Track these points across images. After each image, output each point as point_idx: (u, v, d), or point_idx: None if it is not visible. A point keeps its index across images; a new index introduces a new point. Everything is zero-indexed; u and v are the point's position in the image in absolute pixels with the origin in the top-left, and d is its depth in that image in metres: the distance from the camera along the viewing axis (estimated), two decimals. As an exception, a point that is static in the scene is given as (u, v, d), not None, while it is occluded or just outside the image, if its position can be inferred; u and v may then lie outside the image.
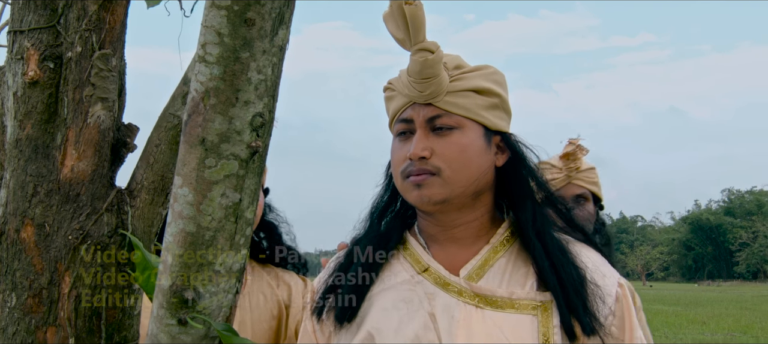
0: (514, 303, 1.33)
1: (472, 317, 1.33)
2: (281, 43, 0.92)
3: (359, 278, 1.44)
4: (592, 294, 1.33)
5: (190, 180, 0.93)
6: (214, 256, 0.97)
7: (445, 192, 1.35)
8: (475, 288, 1.35)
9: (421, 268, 1.41)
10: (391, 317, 1.37)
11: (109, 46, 1.25)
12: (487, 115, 1.37)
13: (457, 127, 1.35)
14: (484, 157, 1.38)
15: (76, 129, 1.23)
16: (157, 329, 1.01)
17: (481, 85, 1.36)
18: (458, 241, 1.43)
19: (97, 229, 1.21)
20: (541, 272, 1.35)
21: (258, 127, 0.93)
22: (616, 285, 1.39)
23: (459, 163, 1.34)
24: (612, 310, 1.35)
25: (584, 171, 2.39)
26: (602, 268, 1.40)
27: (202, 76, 0.90)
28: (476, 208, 1.42)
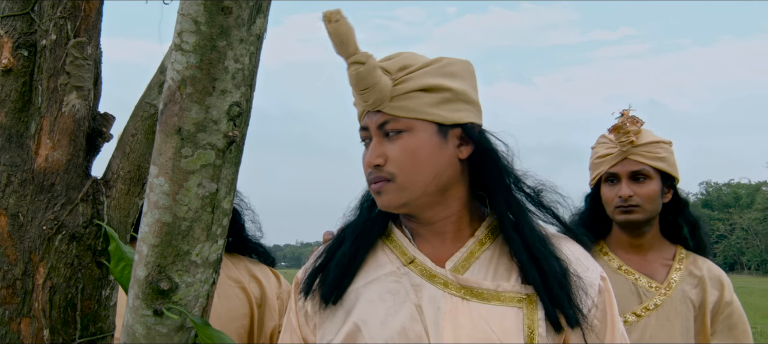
0: (499, 296, 1.34)
1: (458, 309, 1.33)
2: (259, 31, 0.91)
3: (347, 258, 1.44)
4: (575, 286, 1.34)
5: (166, 169, 0.92)
6: (191, 247, 0.96)
7: (402, 197, 1.36)
8: (460, 280, 1.35)
9: (406, 260, 1.41)
10: (378, 309, 1.37)
11: (84, 34, 1.24)
12: (438, 112, 1.35)
13: (405, 130, 1.35)
14: (440, 153, 1.35)
15: (50, 118, 1.22)
16: (133, 320, 1.00)
17: (427, 82, 1.34)
18: (441, 235, 1.42)
19: (72, 219, 1.20)
20: (521, 265, 1.35)
21: (235, 116, 0.92)
22: (599, 277, 1.39)
23: (410, 165, 1.34)
24: (594, 302, 1.36)
25: (643, 145, 2.17)
26: (584, 261, 1.41)
27: (179, 65, 0.89)
28: (449, 204, 1.41)
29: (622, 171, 2.20)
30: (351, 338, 1.37)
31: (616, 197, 2.19)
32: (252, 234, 2.04)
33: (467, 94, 1.38)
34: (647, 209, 2.17)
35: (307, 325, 1.48)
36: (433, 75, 1.35)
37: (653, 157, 2.19)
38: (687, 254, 2.24)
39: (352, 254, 1.45)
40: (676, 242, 2.27)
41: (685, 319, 2.12)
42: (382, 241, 1.47)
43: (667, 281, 2.17)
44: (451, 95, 1.36)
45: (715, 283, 2.17)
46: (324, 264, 1.48)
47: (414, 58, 1.39)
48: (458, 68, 1.39)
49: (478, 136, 1.38)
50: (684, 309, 2.13)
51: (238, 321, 1.86)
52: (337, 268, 1.44)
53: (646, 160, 2.18)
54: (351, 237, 1.47)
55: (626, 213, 2.17)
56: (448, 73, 1.36)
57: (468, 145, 1.39)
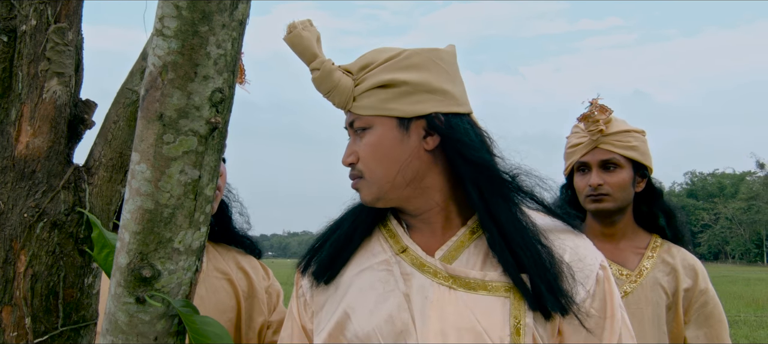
0: (486, 285, 1.34)
1: (445, 298, 1.34)
2: (241, 17, 0.91)
3: (342, 240, 1.48)
4: (564, 273, 1.33)
5: (147, 156, 0.91)
6: (173, 234, 0.95)
7: (373, 192, 1.40)
8: (449, 270, 1.36)
9: (399, 249, 1.43)
10: (367, 297, 1.39)
11: (65, 20, 1.22)
12: (396, 106, 1.36)
13: (368, 127, 1.39)
14: (401, 147, 1.37)
15: (31, 104, 1.20)
16: (115, 307, 1.00)
17: (383, 78, 1.36)
18: (431, 225, 1.43)
19: (53, 207, 1.18)
20: (498, 255, 1.35)
21: (217, 102, 0.91)
22: (598, 267, 1.38)
23: (373, 161, 1.38)
24: (591, 292, 1.35)
25: (613, 134, 2.19)
26: (582, 250, 1.40)
27: (160, 50, 0.88)
28: (430, 195, 1.41)
29: (592, 160, 2.22)
30: (340, 326, 1.40)
31: (586, 186, 2.20)
32: (240, 226, 2.03)
33: (429, 84, 1.37)
34: (617, 198, 2.19)
35: (305, 313, 1.51)
36: (390, 70, 1.37)
37: (623, 145, 2.20)
38: (662, 243, 2.25)
39: (347, 236, 1.48)
40: (653, 231, 2.29)
41: (656, 306, 2.13)
42: (379, 229, 1.49)
43: (638, 269, 2.18)
44: (408, 88, 1.36)
45: (689, 271, 2.18)
46: (321, 245, 1.52)
47: (377, 55, 1.40)
48: (420, 59, 1.39)
49: (443, 126, 1.37)
50: (655, 297, 2.14)
51: (225, 315, 1.84)
52: (331, 248, 1.48)
53: (616, 149, 2.19)
54: (349, 220, 1.51)
55: (596, 201, 2.20)
56: (406, 66, 1.37)
57: (433, 135, 1.38)
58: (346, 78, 1.39)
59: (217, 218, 1.95)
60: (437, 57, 1.40)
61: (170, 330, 1.02)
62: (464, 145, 1.37)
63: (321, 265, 1.48)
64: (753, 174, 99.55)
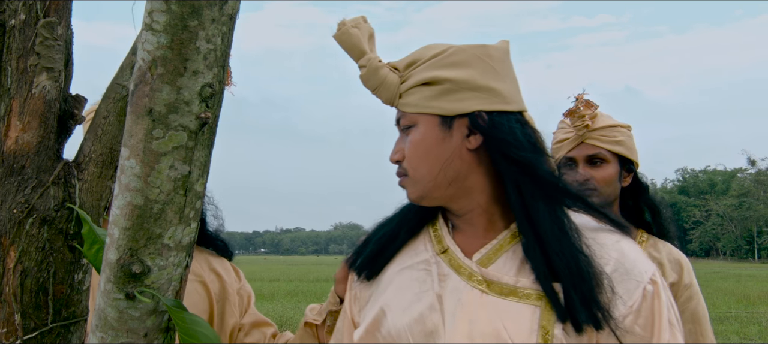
0: (517, 292, 1.31)
1: (477, 302, 1.32)
2: (231, 11, 0.90)
3: (387, 237, 1.49)
4: (604, 286, 1.26)
5: (137, 151, 0.91)
6: (163, 229, 0.95)
7: (417, 190, 1.39)
8: (484, 273, 1.34)
9: (440, 249, 1.42)
10: (403, 295, 1.39)
11: (54, 14, 1.21)
12: (438, 104, 1.35)
13: (412, 125, 1.38)
14: (443, 146, 1.36)
15: (20, 99, 1.20)
16: (105, 304, 0.99)
17: (427, 76, 1.35)
18: (474, 226, 1.41)
19: (43, 203, 1.18)
20: (531, 261, 1.30)
21: (207, 97, 0.91)
22: (647, 281, 1.30)
23: (415, 160, 1.37)
24: (633, 308, 1.27)
25: (599, 129, 2.19)
26: (630, 261, 1.31)
27: (149, 45, 0.87)
28: (473, 196, 1.39)
29: (578, 155, 2.22)
30: (377, 322, 1.41)
31: (573, 181, 2.20)
32: (213, 228, 2.03)
33: (473, 81, 1.35)
34: (604, 192, 2.19)
35: (355, 306, 1.53)
36: (434, 67, 1.36)
37: (610, 140, 2.20)
38: (648, 238, 2.25)
39: (393, 234, 1.49)
40: (639, 226, 2.29)
41: None
42: (427, 228, 1.48)
43: None
44: (451, 85, 1.35)
45: (675, 266, 2.18)
46: (368, 241, 1.53)
47: (424, 52, 1.39)
48: (465, 56, 1.36)
49: (485, 125, 1.34)
50: None
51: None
52: (375, 244, 1.49)
53: (602, 144, 2.20)
54: (397, 218, 1.51)
55: None
56: (449, 64, 1.36)
57: (476, 134, 1.36)
58: (393, 75, 1.38)
59: None
60: (484, 54, 1.38)
61: (160, 327, 1.01)
62: (507, 145, 1.34)
63: (364, 262, 1.49)
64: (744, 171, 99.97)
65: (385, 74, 1.38)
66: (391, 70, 1.39)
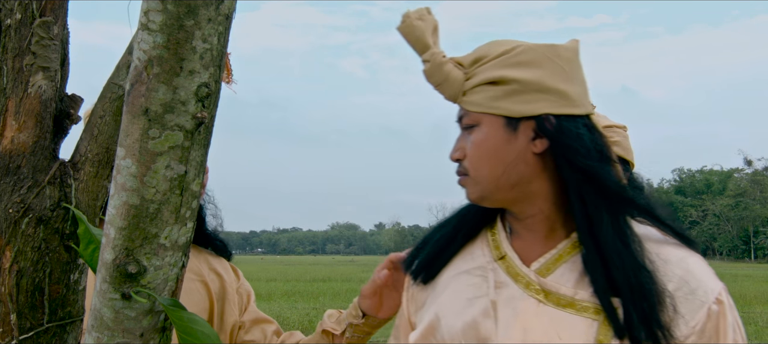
0: (575, 304, 1.26)
1: (532, 311, 1.29)
2: (227, 11, 0.90)
3: (444, 241, 1.45)
4: (666, 304, 1.21)
5: (133, 151, 0.91)
6: (159, 229, 0.95)
7: (477, 191, 1.34)
8: (542, 283, 1.30)
9: (498, 255, 1.38)
10: (457, 301, 1.36)
11: (50, 14, 1.21)
12: (504, 105, 1.29)
13: (476, 125, 1.33)
14: (507, 148, 1.30)
15: (16, 99, 1.19)
16: (101, 303, 0.99)
17: (495, 75, 1.30)
18: (534, 233, 1.37)
19: (39, 202, 1.18)
20: (590, 274, 1.25)
21: (204, 97, 0.91)
22: (713, 300, 1.23)
23: (477, 160, 1.32)
24: (696, 328, 1.21)
25: None
26: (695, 279, 1.25)
27: (145, 45, 0.87)
28: (533, 201, 1.34)
29: None
30: (431, 327, 1.39)
31: None
32: (212, 228, 2.03)
33: (541, 83, 1.29)
34: None
35: (412, 307, 1.50)
36: (501, 66, 1.30)
37: None
38: None
39: (449, 238, 1.45)
40: None
41: None
42: (486, 232, 1.45)
43: None
44: (518, 86, 1.29)
45: None
46: (424, 244, 1.50)
47: (491, 49, 1.34)
48: (534, 55, 1.31)
49: (552, 129, 1.29)
50: None
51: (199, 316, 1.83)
52: (431, 249, 1.46)
53: None
54: (454, 221, 1.48)
55: None
56: (517, 63, 1.30)
57: (542, 138, 1.30)
58: (457, 71, 1.33)
59: None
60: (554, 54, 1.32)
61: (156, 327, 1.01)
62: (572, 151, 1.28)
63: (420, 265, 1.46)
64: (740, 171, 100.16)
65: (449, 70, 1.33)
66: (456, 66, 1.34)
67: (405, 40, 1.34)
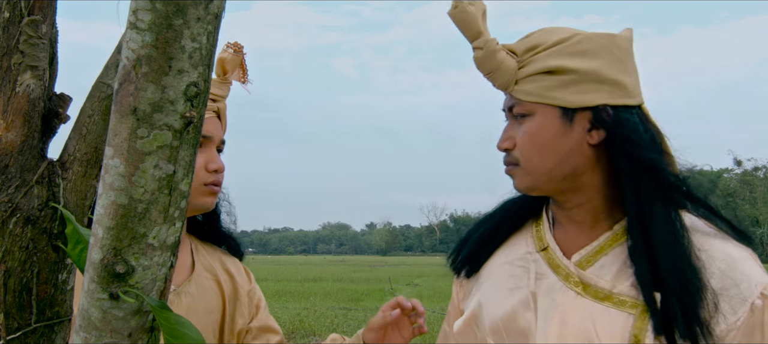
0: (612, 297, 1.26)
1: (571, 303, 1.29)
2: (217, 10, 0.90)
3: (487, 234, 1.46)
4: (707, 300, 1.19)
5: (121, 151, 0.90)
6: (148, 229, 0.94)
7: (527, 181, 1.34)
8: (581, 275, 1.30)
9: (540, 246, 1.38)
10: (499, 290, 1.38)
11: (38, 12, 1.21)
12: (560, 95, 1.28)
13: (528, 114, 1.32)
14: (563, 139, 1.29)
15: (3, 98, 1.19)
16: (88, 304, 0.98)
17: (551, 64, 1.28)
18: (578, 224, 1.36)
19: (26, 202, 1.17)
20: (635, 268, 1.25)
21: (192, 96, 0.90)
22: (756, 295, 1.21)
23: (530, 151, 1.31)
24: (737, 324, 1.19)
25: None
26: (739, 272, 1.22)
27: (134, 44, 0.87)
28: (583, 191, 1.33)
29: None
30: (474, 316, 1.41)
31: None
32: (226, 226, 2.02)
33: (599, 73, 1.27)
34: None
35: (461, 292, 1.53)
36: (558, 55, 1.28)
37: None
38: None
39: (492, 231, 1.46)
40: None
41: None
42: (532, 223, 1.45)
43: None
44: (576, 76, 1.27)
45: None
46: (468, 237, 1.51)
47: (546, 37, 1.31)
48: (592, 45, 1.29)
49: (610, 120, 1.28)
50: None
51: (212, 315, 1.82)
52: (475, 242, 1.48)
53: None
54: (498, 214, 1.49)
55: None
56: (576, 53, 1.28)
57: (599, 129, 1.29)
58: (510, 59, 1.31)
59: (206, 216, 1.94)
60: (612, 43, 1.30)
61: (145, 327, 1.01)
62: (631, 143, 1.27)
63: (462, 261, 1.48)
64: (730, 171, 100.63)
65: (503, 58, 1.30)
66: (508, 54, 1.32)
67: (456, 25, 1.30)
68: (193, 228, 1.93)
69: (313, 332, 12.84)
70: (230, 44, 1.73)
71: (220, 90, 1.72)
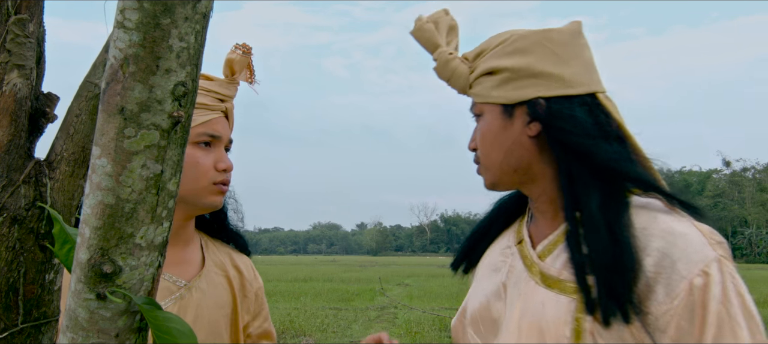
0: (560, 283, 1.30)
1: (531, 292, 1.35)
2: (204, 10, 0.89)
3: (479, 231, 1.55)
4: (640, 280, 1.19)
5: (108, 150, 0.90)
6: (135, 229, 0.94)
7: (488, 178, 1.43)
8: (539, 265, 1.36)
9: (517, 240, 1.46)
10: (481, 283, 1.47)
11: (25, 11, 1.20)
12: (498, 93, 1.37)
13: (480, 114, 1.42)
14: (505, 134, 1.37)
15: (-10, 97, 1.18)
16: (76, 304, 0.98)
17: (490, 65, 1.37)
18: (543, 215, 1.42)
19: (13, 202, 1.16)
20: (568, 250, 1.29)
21: (180, 96, 0.90)
22: (696, 273, 1.17)
23: (483, 148, 1.41)
24: (675, 303, 1.17)
25: None
26: (676, 251, 1.20)
27: (121, 43, 0.86)
28: (537, 183, 1.40)
29: None
30: (463, 310, 1.53)
31: None
32: (234, 223, 2.04)
33: (532, 68, 1.34)
34: None
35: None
36: (497, 56, 1.38)
37: None
38: None
39: (486, 228, 1.55)
40: None
41: None
42: (520, 219, 1.53)
43: None
44: (510, 74, 1.35)
45: None
46: (466, 238, 1.60)
47: (491, 41, 1.41)
48: (525, 43, 1.36)
49: (543, 112, 1.33)
50: None
51: (223, 310, 1.83)
52: (470, 240, 1.56)
53: None
54: (494, 211, 1.57)
55: None
56: (510, 52, 1.37)
57: (536, 121, 1.35)
58: (463, 66, 1.41)
59: (213, 214, 1.96)
60: (545, 38, 1.36)
61: (132, 327, 1.00)
62: (563, 132, 1.31)
63: (460, 257, 1.57)
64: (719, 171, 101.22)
65: (456, 66, 1.41)
66: (462, 61, 1.42)
67: (418, 42, 1.43)
68: (201, 225, 1.95)
69: (303, 332, 12.82)
70: (238, 46, 1.75)
71: (228, 90, 1.75)
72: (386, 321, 14.93)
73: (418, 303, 18.62)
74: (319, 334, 12.69)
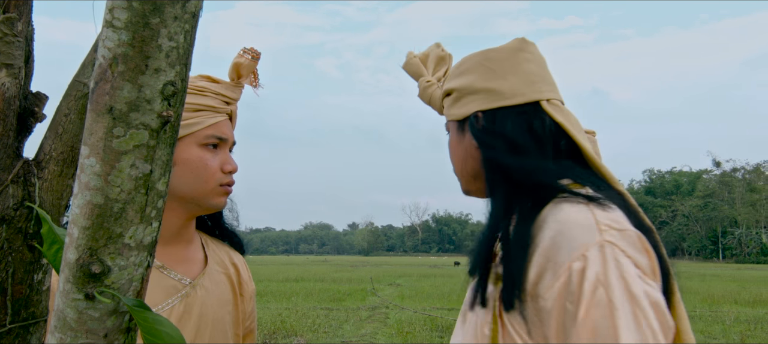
0: (498, 277, 1.37)
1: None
2: (194, 9, 0.89)
3: (483, 237, 1.59)
4: (529, 269, 1.22)
5: (97, 150, 0.89)
6: (124, 229, 0.93)
7: (461, 184, 1.57)
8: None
9: None
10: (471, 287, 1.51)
11: (14, 10, 1.19)
12: (452, 111, 1.52)
13: (448, 131, 1.57)
14: (460, 146, 1.52)
15: (-22, 96, 1.17)
16: (64, 304, 0.97)
17: (446, 87, 1.54)
18: None
19: (2, 201, 1.16)
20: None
21: (169, 96, 0.90)
22: (577, 257, 1.17)
23: (451, 159, 1.56)
24: (557, 289, 1.18)
25: None
26: (564, 238, 1.20)
27: (110, 42, 0.86)
28: None
29: None
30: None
31: None
32: (229, 222, 2.05)
33: (472, 86, 1.49)
34: None
35: None
36: (449, 79, 1.55)
37: None
38: None
39: (486, 235, 1.55)
40: None
41: None
42: None
43: None
44: (458, 93, 1.51)
45: None
46: None
47: (453, 66, 1.58)
48: (468, 64, 1.52)
49: (476, 126, 1.46)
50: None
51: (225, 307, 1.85)
52: (482, 246, 1.53)
53: None
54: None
55: None
56: (457, 74, 1.53)
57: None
58: (439, 91, 1.58)
59: (210, 213, 1.97)
60: (484, 58, 1.50)
61: (121, 327, 1.00)
62: (484, 145, 1.44)
63: (473, 265, 1.58)
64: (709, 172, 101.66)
65: (432, 92, 1.59)
66: (439, 87, 1.59)
67: (407, 74, 1.65)
68: (199, 224, 1.96)
69: (294, 332, 12.80)
70: (247, 50, 1.79)
71: (233, 93, 1.79)
72: (378, 321, 14.93)
73: (410, 303, 18.63)
74: (311, 334, 12.67)
